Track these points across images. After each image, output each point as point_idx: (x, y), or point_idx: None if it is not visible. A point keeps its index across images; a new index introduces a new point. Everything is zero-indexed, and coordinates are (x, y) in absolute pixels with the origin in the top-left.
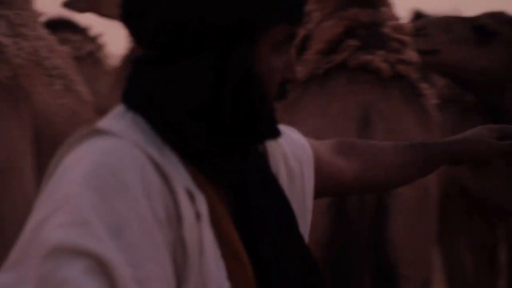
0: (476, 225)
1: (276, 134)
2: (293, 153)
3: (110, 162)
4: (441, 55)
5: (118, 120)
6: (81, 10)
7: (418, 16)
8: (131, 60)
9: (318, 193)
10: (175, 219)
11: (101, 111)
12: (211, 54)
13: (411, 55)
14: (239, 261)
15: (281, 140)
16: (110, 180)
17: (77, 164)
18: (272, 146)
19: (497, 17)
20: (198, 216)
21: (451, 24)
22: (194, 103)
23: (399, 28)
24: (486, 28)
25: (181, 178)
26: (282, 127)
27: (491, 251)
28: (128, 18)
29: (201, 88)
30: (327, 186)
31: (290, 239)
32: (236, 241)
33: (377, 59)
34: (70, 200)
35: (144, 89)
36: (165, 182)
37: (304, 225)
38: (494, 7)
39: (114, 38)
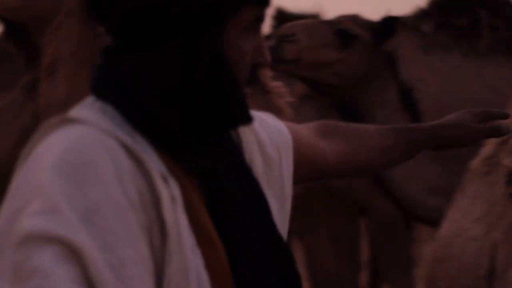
0: (338, 221)
1: (248, 119)
2: (270, 139)
3: (79, 148)
4: (302, 63)
5: (87, 109)
6: None
7: (280, 14)
8: (100, 50)
9: (301, 177)
10: (151, 202)
11: None
12: (180, 40)
13: None
14: (214, 249)
15: (257, 127)
16: (80, 165)
17: (46, 153)
18: (246, 134)
19: (355, 20)
20: (173, 199)
21: (315, 28)
22: (166, 89)
23: None
24: (347, 31)
25: (154, 163)
26: (259, 113)
27: (352, 247)
28: (95, 5)
29: (171, 74)
30: (309, 170)
31: (263, 229)
32: (210, 229)
33: None
34: (41, 189)
35: (114, 77)
36: (138, 166)
37: (283, 212)
38: (353, 5)
39: None
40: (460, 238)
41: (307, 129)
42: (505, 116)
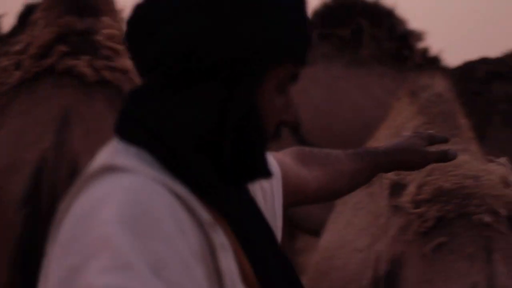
0: None
1: (268, 174)
2: None
3: (140, 200)
4: None
5: (125, 156)
6: None
7: None
8: (128, 92)
9: (287, 205)
10: (208, 252)
11: None
12: (216, 87)
13: (124, 63)
14: None
15: None
16: (143, 218)
17: (102, 205)
18: None
19: None
20: (223, 248)
21: None
22: (198, 136)
23: (113, 37)
24: None
25: (202, 211)
26: None
27: None
28: (132, 41)
29: (205, 121)
30: (295, 198)
31: (283, 269)
32: (252, 275)
33: (82, 64)
34: (107, 243)
35: (147, 122)
36: (191, 216)
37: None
38: None
39: None
40: (344, 249)
41: (288, 157)
42: (446, 140)
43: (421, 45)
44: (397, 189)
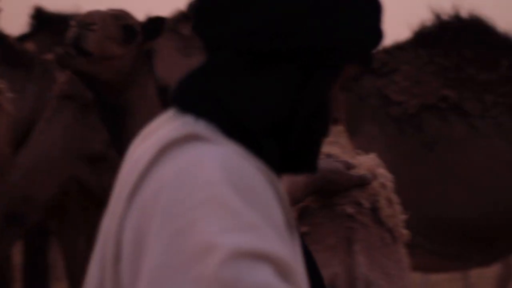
0: (95, 222)
1: (315, 170)
2: None
3: (235, 167)
4: (92, 58)
5: (200, 128)
6: None
7: (39, 13)
8: (196, 67)
9: None
10: (288, 226)
11: None
12: (294, 73)
13: None
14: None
15: None
16: (243, 184)
17: (200, 168)
18: None
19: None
20: (295, 226)
21: (107, 21)
22: (269, 118)
23: None
24: (133, 27)
25: (279, 185)
26: None
27: None
28: (203, 16)
29: (277, 105)
30: None
31: (308, 259)
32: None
33: None
34: (220, 202)
35: (220, 97)
36: (273, 188)
37: None
38: (112, 7)
39: None
40: None
41: None
42: (354, 167)
43: None
44: None
